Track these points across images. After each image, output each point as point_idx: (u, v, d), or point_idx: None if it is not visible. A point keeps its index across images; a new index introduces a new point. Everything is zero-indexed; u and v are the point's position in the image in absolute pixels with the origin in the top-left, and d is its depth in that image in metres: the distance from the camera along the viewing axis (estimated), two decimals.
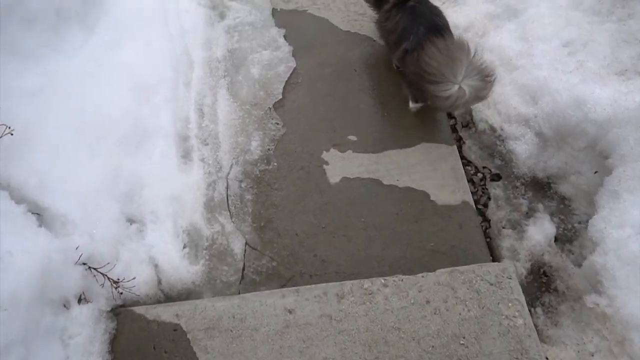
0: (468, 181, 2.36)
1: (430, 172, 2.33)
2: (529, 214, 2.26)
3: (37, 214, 1.86)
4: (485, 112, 2.53)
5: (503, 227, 2.23)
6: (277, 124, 2.54)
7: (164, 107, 2.42)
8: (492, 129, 2.49)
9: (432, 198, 2.25)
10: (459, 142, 2.53)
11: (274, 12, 3.01)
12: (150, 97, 2.41)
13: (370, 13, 2.76)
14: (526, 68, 2.48)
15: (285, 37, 2.86)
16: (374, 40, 2.82)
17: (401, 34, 2.25)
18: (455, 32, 2.69)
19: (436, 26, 2.20)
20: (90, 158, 2.09)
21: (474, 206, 2.25)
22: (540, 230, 2.15)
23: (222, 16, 2.96)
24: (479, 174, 2.44)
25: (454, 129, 2.56)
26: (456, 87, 1.99)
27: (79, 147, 2.09)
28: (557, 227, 2.19)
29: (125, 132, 2.24)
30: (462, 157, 2.46)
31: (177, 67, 2.61)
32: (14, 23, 2.12)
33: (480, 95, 2.07)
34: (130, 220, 2.10)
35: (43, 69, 2.18)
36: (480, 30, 2.77)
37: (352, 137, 2.47)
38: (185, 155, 2.38)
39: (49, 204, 1.87)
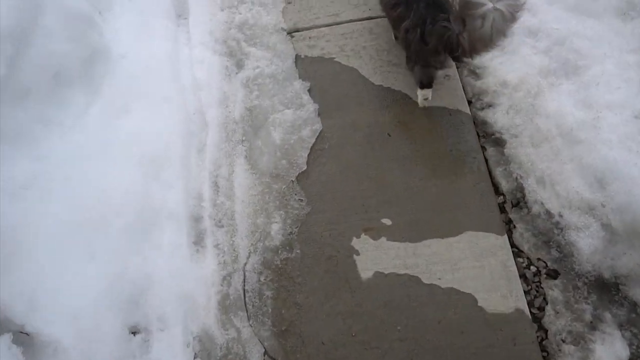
0: (520, 276, 2.02)
1: (477, 269, 2.00)
2: (594, 324, 1.92)
3: (25, 336, 1.59)
4: (541, 193, 2.17)
5: (563, 341, 1.90)
6: (301, 200, 2.22)
7: (175, 183, 2.12)
8: (549, 214, 2.13)
9: (479, 303, 1.92)
10: (509, 225, 2.19)
11: (298, 59, 2.66)
12: (159, 173, 2.11)
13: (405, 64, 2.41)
14: (591, 143, 2.11)
15: (309, 91, 2.52)
16: (410, 98, 2.46)
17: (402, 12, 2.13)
18: (504, 91, 2.32)
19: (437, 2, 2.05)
20: (90, 259, 1.80)
21: (529, 315, 1.91)
22: (611, 352, 1.81)
23: (239, 66, 2.62)
24: (532, 267, 2.09)
25: (502, 209, 2.22)
26: (490, 5, 1.85)
27: (76, 246, 1.80)
28: (630, 345, 1.85)
29: (130, 219, 1.95)
30: (512, 245, 2.12)
31: (190, 131, 2.30)
32: (2, 102, 1.82)
33: (515, 15, 1.93)
34: (134, 331, 1.82)
35: (36, 152, 1.89)
36: (534, 89, 2.39)
37: (386, 221, 2.14)
38: (198, 241, 2.09)
39: (39, 329, 1.60)
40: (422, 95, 2.31)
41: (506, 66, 2.51)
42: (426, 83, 2.26)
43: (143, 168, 2.04)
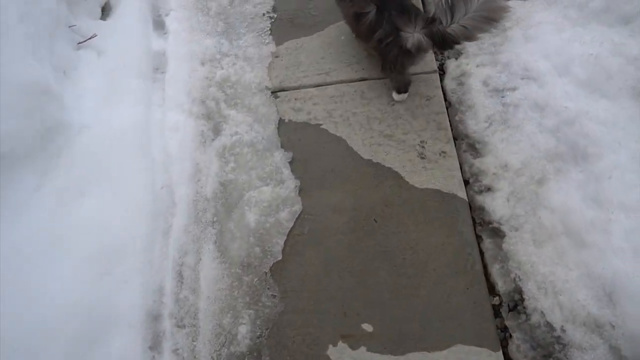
0: None
1: None
2: None
3: None
4: (542, 301, 1.92)
5: None
6: (274, 296, 1.97)
7: (132, 277, 1.89)
8: (550, 326, 1.88)
9: None
10: (504, 332, 1.93)
11: (281, 125, 2.42)
12: (114, 267, 1.87)
13: (398, 135, 2.17)
14: (601, 249, 1.86)
15: (291, 164, 2.28)
16: (402, 177, 2.21)
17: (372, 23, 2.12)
18: (505, 174, 2.07)
19: (406, 9, 2.07)
20: None
21: None
22: None
23: (217, 131, 2.38)
24: None
25: (497, 312, 1.96)
26: None
27: None
28: None
29: (76, 329, 1.71)
30: (508, 359, 1.87)
31: (156, 211, 2.07)
32: None
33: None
34: None
35: None
36: (538, 174, 2.14)
37: (368, 327, 1.90)
38: (154, 346, 1.85)
39: None
40: (398, 98, 2.40)
41: (509, 144, 2.26)
42: (403, 89, 2.36)
43: (96, 263, 1.81)
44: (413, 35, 2.00)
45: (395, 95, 2.39)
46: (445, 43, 2.04)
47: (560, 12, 2.63)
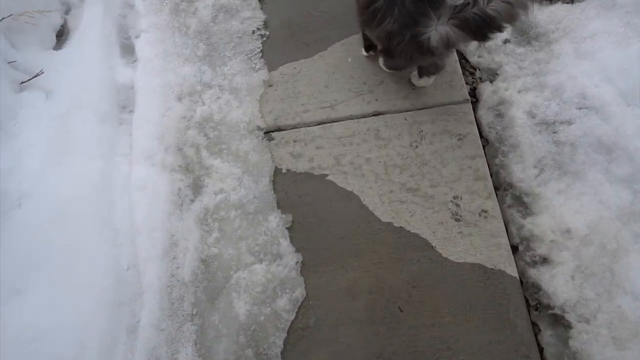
0: None
1: None
2: None
3: None
4: None
5: None
6: None
7: None
8: None
9: None
10: None
11: (277, 176, 1.92)
12: None
13: (425, 189, 1.66)
14: None
15: (290, 231, 1.78)
16: (432, 247, 1.71)
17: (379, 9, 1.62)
18: (567, 242, 1.57)
19: None
20: None
21: None
22: None
23: (196, 188, 1.89)
24: None
25: None
26: None
27: None
28: None
29: None
30: None
31: (119, 301, 1.59)
32: None
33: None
34: None
35: None
36: (611, 243, 1.63)
37: None
38: None
39: None
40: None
41: (568, 198, 1.74)
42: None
43: None
44: (436, 30, 1.55)
45: (381, 63, 2.01)
46: (486, 29, 1.53)
47: (622, 20, 2.08)
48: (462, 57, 2.25)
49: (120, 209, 1.75)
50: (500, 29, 1.56)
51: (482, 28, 1.52)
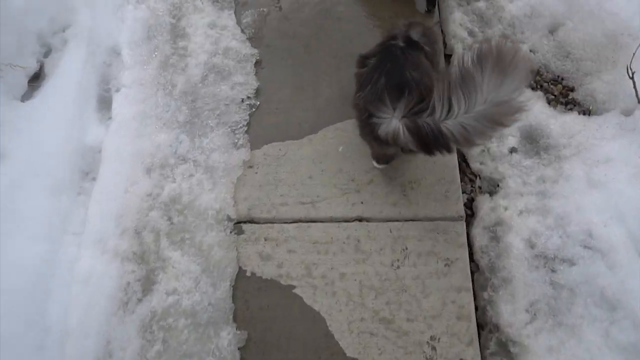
0: None
1: None
2: None
3: None
4: None
5: None
6: None
7: None
8: None
9: None
10: None
11: (240, 280, 1.71)
12: None
13: (399, 321, 1.45)
14: None
15: (243, 351, 1.58)
16: None
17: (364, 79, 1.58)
18: None
19: (403, 82, 1.48)
20: None
21: None
22: None
23: (148, 284, 1.68)
24: None
25: None
26: None
27: None
28: None
29: None
30: None
31: None
32: None
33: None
34: None
35: None
36: None
37: None
38: None
39: None
40: (377, 166, 1.91)
41: (562, 358, 1.52)
42: (383, 161, 1.85)
43: None
44: (390, 122, 1.43)
45: (373, 161, 1.91)
46: (433, 144, 1.39)
47: (639, 144, 1.88)
48: (463, 160, 2.05)
49: (57, 304, 1.54)
50: (449, 150, 1.40)
51: (430, 141, 1.38)
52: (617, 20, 2.15)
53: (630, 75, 1.90)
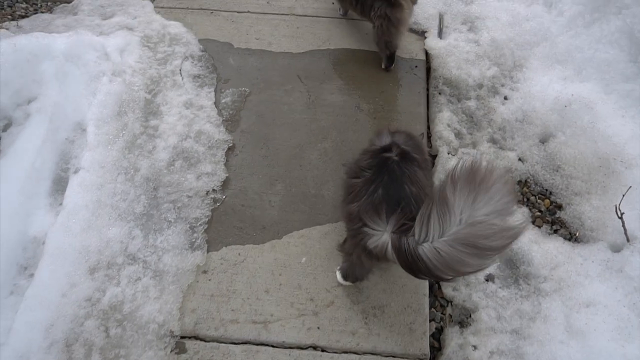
0: None
1: None
2: None
3: None
4: None
5: None
6: None
7: None
8: None
9: None
10: None
11: None
12: None
13: None
14: None
15: None
16: None
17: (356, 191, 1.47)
18: None
19: (401, 196, 1.39)
20: None
21: None
22: None
23: None
24: None
25: None
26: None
27: None
28: None
29: None
30: None
31: None
32: None
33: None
34: None
35: None
36: None
37: None
38: None
39: None
40: (341, 282, 1.80)
41: None
42: (352, 279, 1.76)
43: None
44: (381, 235, 1.35)
45: (338, 276, 1.80)
46: (414, 266, 1.27)
47: (627, 296, 1.75)
48: (436, 282, 1.89)
49: None
50: (432, 275, 1.26)
51: (410, 263, 1.26)
52: (610, 144, 2.02)
53: (619, 215, 1.76)
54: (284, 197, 2.00)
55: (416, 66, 2.48)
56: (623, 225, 1.76)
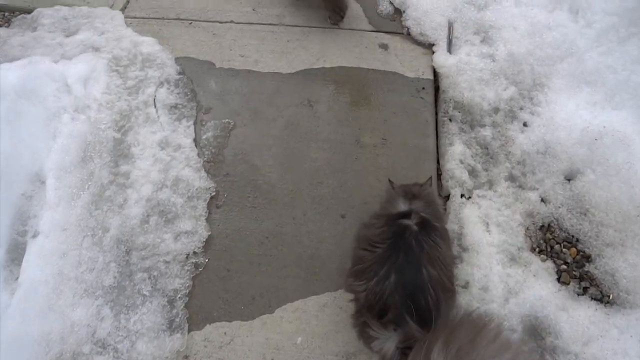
0: None
1: None
2: None
3: None
4: None
5: None
6: None
7: None
8: None
9: None
10: None
11: None
12: None
13: None
14: None
15: None
16: None
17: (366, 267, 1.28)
18: None
19: (418, 285, 1.21)
20: None
21: None
22: None
23: None
24: None
25: None
26: None
27: None
28: None
29: None
30: None
31: None
32: None
33: None
34: None
35: None
36: None
37: None
38: None
39: None
40: None
41: None
42: None
43: None
44: (385, 342, 1.22)
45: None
46: None
47: None
48: None
49: None
50: None
51: None
52: None
53: None
54: (275, 259, 1.72)
55: (423, 88, 2.14)
56: None
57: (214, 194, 1.86)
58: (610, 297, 1.68)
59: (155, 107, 2.05)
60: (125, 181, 1.85)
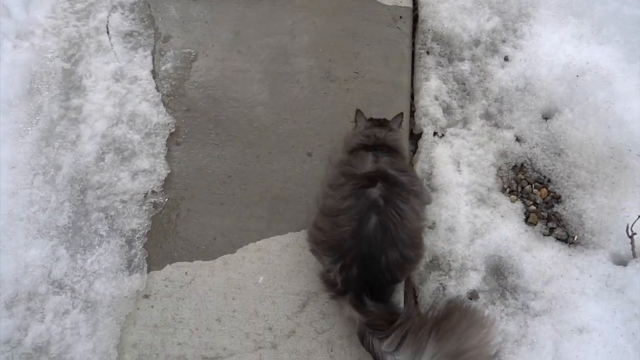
0: None
1: None
2: None
3: None
4: None
5: None
6: None
7: None
8: None
9: None
10: None
11: None
12: None
13: None
14: None
15: None
16: None
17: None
18: None
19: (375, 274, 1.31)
20: None
21: None
22: None
23: None
24: None
25: None
26: None
27: None
28: None
29: None
30: None
31: None
32: None
33: None
34: None
35: None
36: None
37: None
38: None
39: None
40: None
41: None
42: None
43: None
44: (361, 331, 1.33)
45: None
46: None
47: (624, 317, 1.51)
48: (414, 297, 1.65)
49: None
50: None
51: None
52: (626, 132, 1.66)
53: (630, 234, 1.46)
54: (238, 199, 1.65)
55: (401, 17, 1.98)
56: (632, 243, 1.47)
57: (173, 130, 1.75)
58: (575, 238, 1.67)
59: (108, 34, 1.86)
60: (77, 116, 1.72)
